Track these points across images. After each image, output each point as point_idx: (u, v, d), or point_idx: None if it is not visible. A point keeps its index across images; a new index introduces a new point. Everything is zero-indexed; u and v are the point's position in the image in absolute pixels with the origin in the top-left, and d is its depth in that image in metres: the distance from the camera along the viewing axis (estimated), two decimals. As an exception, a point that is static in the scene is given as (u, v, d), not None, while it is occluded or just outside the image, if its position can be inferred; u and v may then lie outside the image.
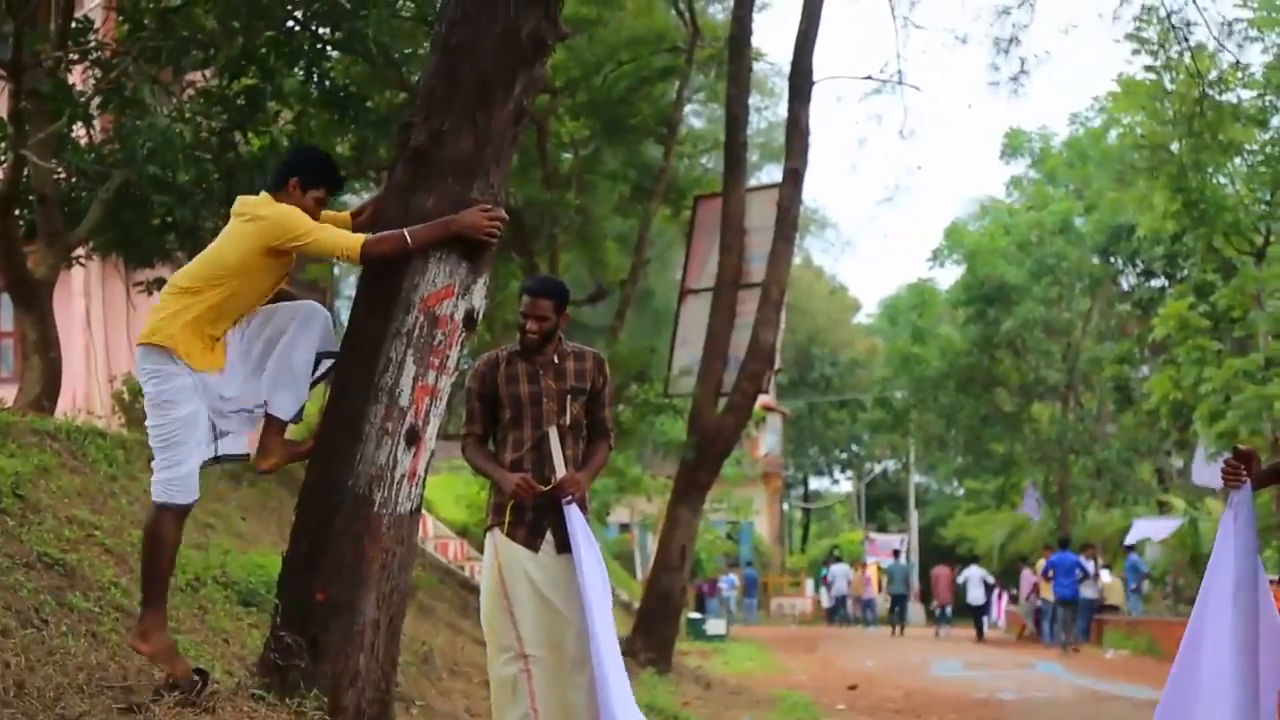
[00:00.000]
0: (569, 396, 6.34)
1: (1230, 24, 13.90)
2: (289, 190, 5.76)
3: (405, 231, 5.70)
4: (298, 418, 5.95)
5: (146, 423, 5.61)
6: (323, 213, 5.96)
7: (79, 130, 11.63)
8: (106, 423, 13.19)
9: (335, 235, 5.73)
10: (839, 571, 44.08)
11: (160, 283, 12.98)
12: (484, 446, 6.45)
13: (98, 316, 17.68)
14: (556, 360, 6.39)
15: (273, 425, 5.89)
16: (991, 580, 36.17)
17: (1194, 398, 24.20)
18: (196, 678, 5.49)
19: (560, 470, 6.22)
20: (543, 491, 6.15)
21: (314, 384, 5.99)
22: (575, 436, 6.39)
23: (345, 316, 6.21)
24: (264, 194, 5.82)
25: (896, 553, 42.96)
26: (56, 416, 10.95)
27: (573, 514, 6.17)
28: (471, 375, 6.48)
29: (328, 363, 5.96)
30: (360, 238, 5.68)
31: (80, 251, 12.51)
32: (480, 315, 6.10)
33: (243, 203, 5.81)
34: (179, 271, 5.82)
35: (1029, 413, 39.58)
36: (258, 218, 5.68)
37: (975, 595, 34.18)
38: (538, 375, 6.32)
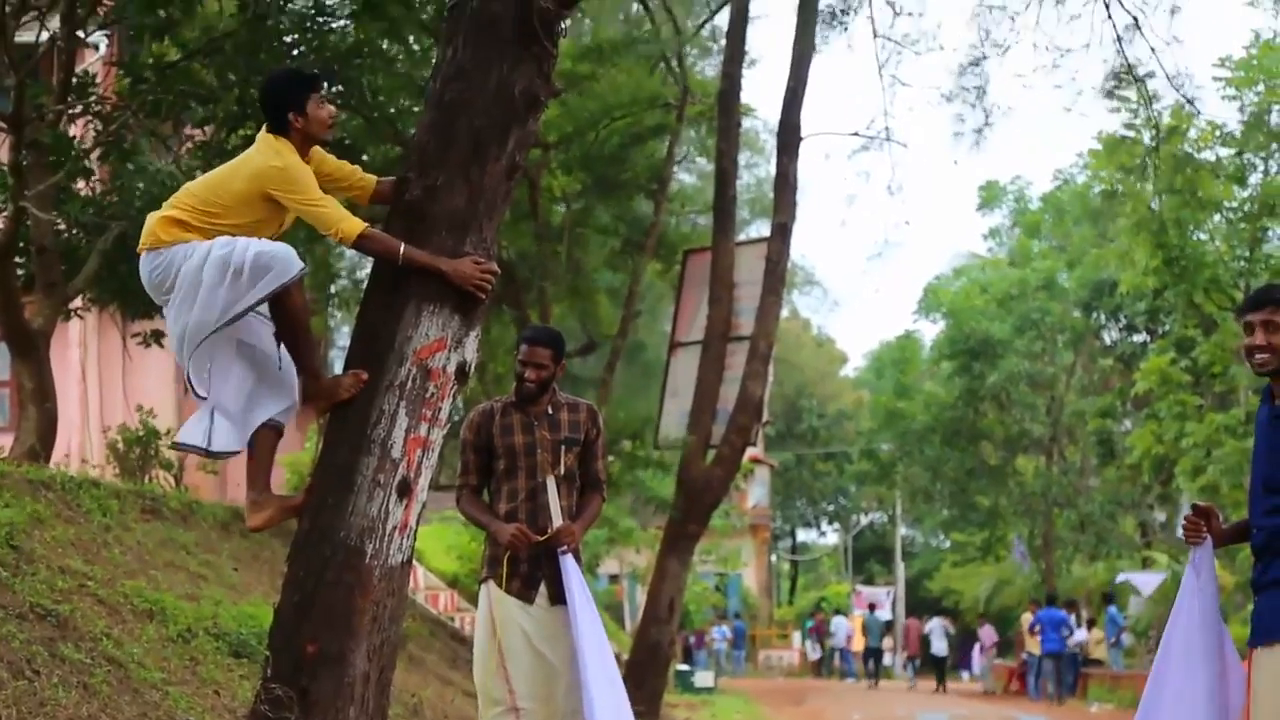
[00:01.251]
0: (563, 447, 6.46)
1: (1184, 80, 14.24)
2: (295, 125, 5.64)
3: (403, 245, 5.66)
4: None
5: (195, 303, 5.41)
6: (351, 169, 5.91)
7: (78, 182, 11.78)
8: (100, 473, 13.27)
9: (336, 212, 5.58)
10: (840, 624, 44.12)
11: (157, 335, 13.15)
12: (479, 497, 6.56)
13: (93, 367, 17.81)
14: (551, 411, 6.51)
15: (261, 459, 5.84)
16: (953, 631, 36.36)
17: (1176, 452, 24.36)
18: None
19: (557, 520, 6.33)
20: (538, 542, 6.27)
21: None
22: (569, 487, 6.48)
23: (338, 367, 6.27)
24: (271, 138, 5.64)
25: (873, 606, 42.96)
26: (51, 466, 11.03)
27: (568, 565, 6.26)
28: (466, 426, 6.59)
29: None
30: (360, 224, 5.58)
31: (78, 302, 12.63)
32: (472, 368, 6.15)
33: (266, 140, 5.66)
34: (182, 188, 5.73)
35: (1014, 466, 39.66)
36: (266, 160, 5.57)
37: (938, 646, 34.45)
38: (532, 426, 6.45)
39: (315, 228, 5.63)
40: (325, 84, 5.83)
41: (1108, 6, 12.92)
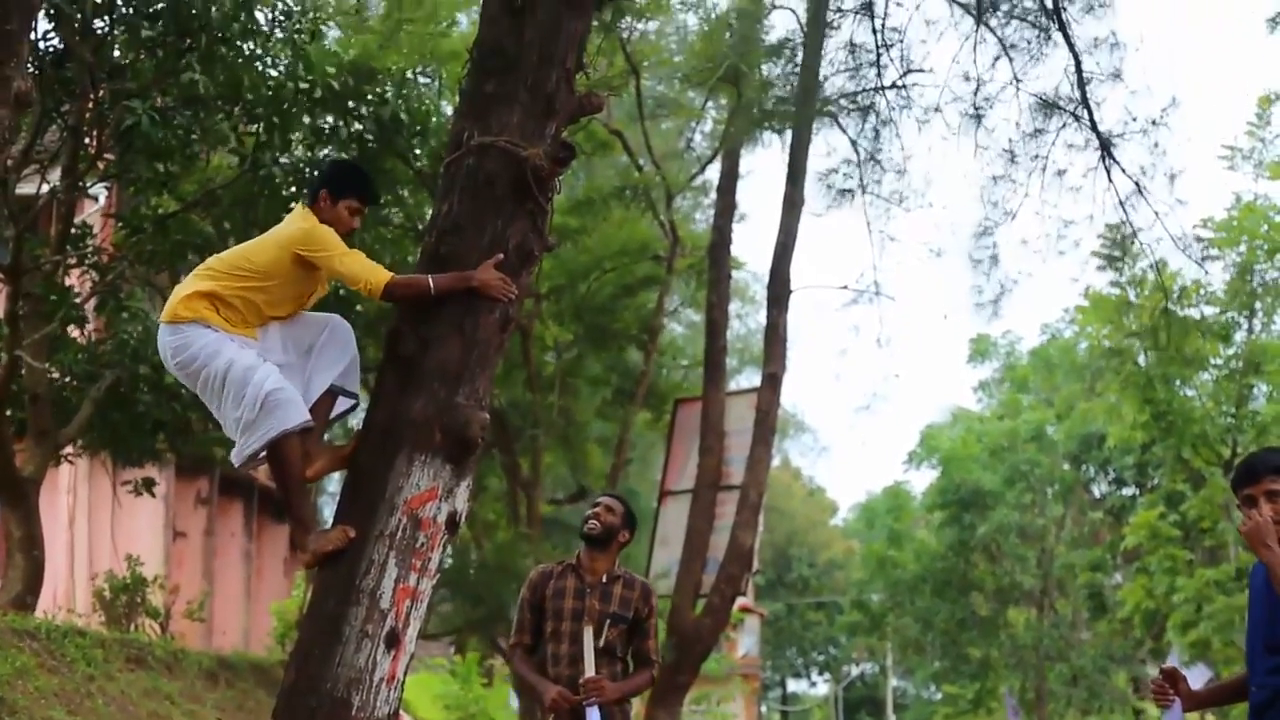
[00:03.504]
0: (608, 621, 6.56)
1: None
2: (320, 203, 5.76)
3: (430, 278, 5.69)
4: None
5: (210, 398, 5.50)
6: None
7: (73, 331, 11.88)
8: (86, 621, 13.20)
9: (363, 264, 5.65)
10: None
11: (148, 482, 13.16)
12: (531, 657, 6.66)
13: (82, 514, 17.76)
14: (605, 580, 6.63)
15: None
16: None
17: (1167, 607, 24.27)
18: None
19: (589, 671, 6.39)
20: (577, 703, 6.32)
21: (331, 422, 5.94)
22: (609, 661, 6.56)
23: (328, 513, 6.28)
24: (300, 209, 5.80)
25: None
26: (38, 614, 10.98)
27: (593, 716, 6.32)
28: (526, 584, 6.73)
29: (347, 402, 5.95)
30: (387, 274, 5.64)
31: (69, 449, 12.65)
32: (463, 518, 6.17)
33: (295, 210, 5.81)
34: (211, 257, 5.78)
35: (1005, 618, 39.38)
36: (293, 224, 5.68)
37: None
38: (585, 593, 6.56)
39: (346, 281, 5.69)
40: (369, 202, 5.90)
41: (1109, 174, 13.19)
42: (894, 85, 15.30)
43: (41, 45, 10.68)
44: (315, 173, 5.93)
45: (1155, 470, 30.91)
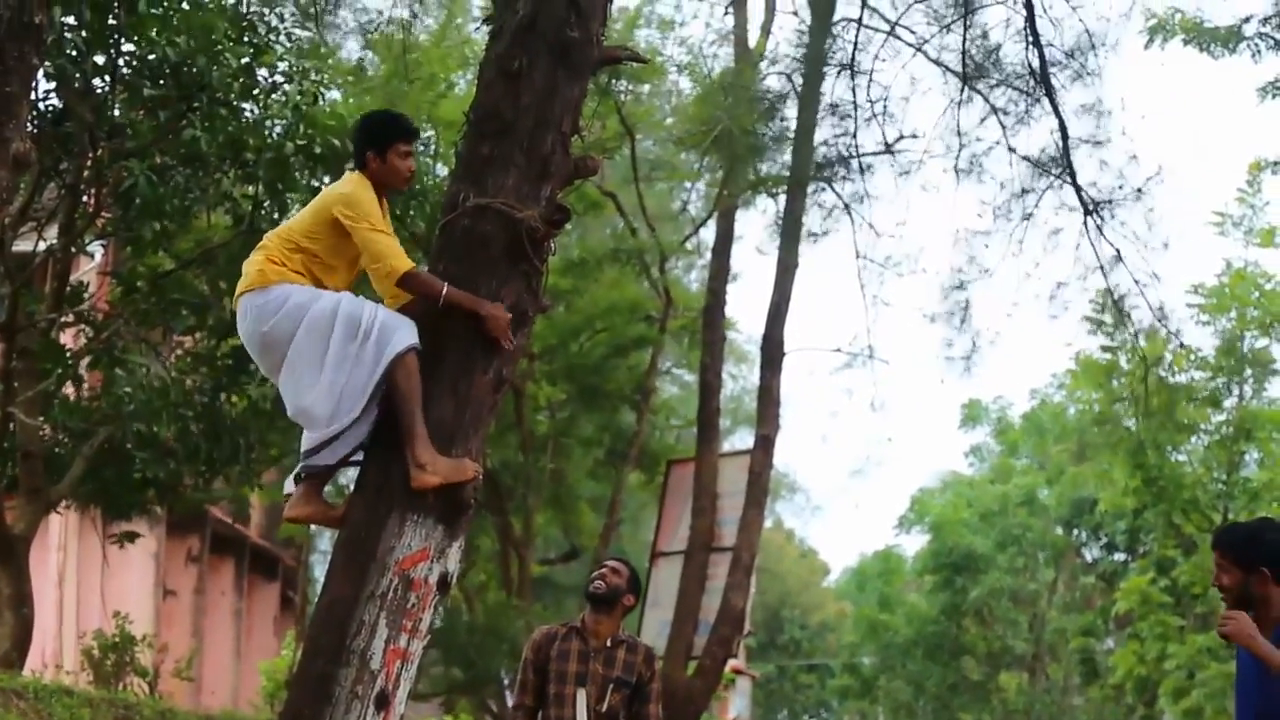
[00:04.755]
0: (611, 685, 6.57)
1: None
2: (371, 165, 5.67)
3: (446, 285, 5.61)
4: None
5: (325, 361, 5.34)
6: None
7: (67, 387, 11.90)
8: (74, 680, 13.13)
9: (390, 245, 5.53)
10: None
11: (130, 535, 13.14)
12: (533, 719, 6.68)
13: (71, 570, 17.69)
14: (610, 645, 6.64)
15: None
16: None
17: (1159, 673, 24.21)
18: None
19: None
20: None
21: (337, 465, 5.74)
22: None
23: (319, 571, 6.28)
24: (351, 174, 5.70)
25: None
26: (25, 673, 10.93)
27: None
28: (529, 644, 6.72)
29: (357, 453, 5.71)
30: (410, 263, 5.54)
31: (59, 506, 12.64)
32: (455, 579, 6.18)
33: (346, 175, 5.72)
34: (267, 234, 5.68)
35: (997, 682, 39.26)
36: (339, 187, 5.60)
37: None
38: (589, 657, 6.57)
39: (370, 256, 5.55)
40: (411, 139, 5.78)
41: (1094, 240, 13.37)
42: (886, 149, 15.46)
43: (41, 104, 10.76)
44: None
45: (1147, 536, 30.90)
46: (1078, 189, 13.29)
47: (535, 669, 6.60)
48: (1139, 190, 13.68)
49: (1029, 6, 12.04)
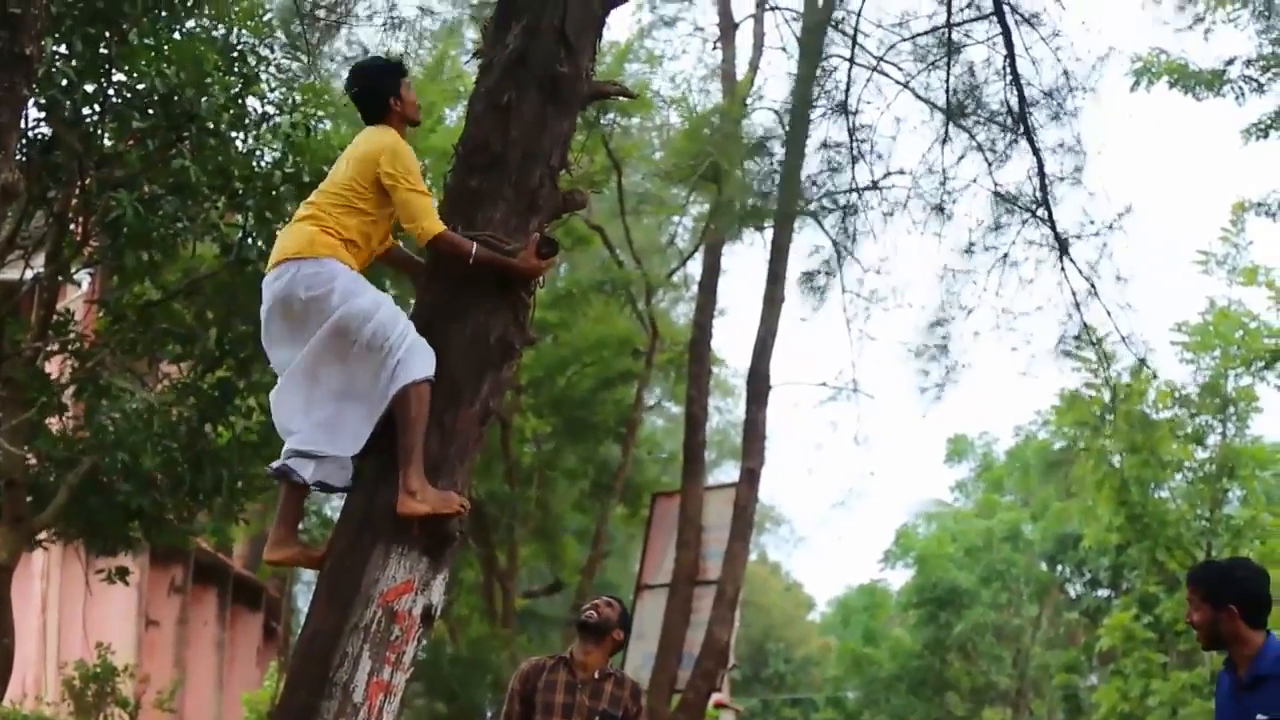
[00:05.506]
0: (598, 718, 6.61)
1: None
2: (393, 111, 5.68)
3: (475, 246, 5.61)
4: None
5: (334, 339, 5.32)
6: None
7: (52, 416, 11.87)
8: (55, 710, 13.07)
9: (427, 206, 5.50)
10: None
11: (122, 571, 13.09)
12: None
13: (54, 600, 17.60)
14: (597, 677, 6.66)
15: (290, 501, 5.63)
16: None
17: (1142, 710, 24.15)
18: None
19: None
20: None
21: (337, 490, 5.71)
22: None
23: (303, 601, 6.27)
24: (375, 128, 5.67)
25: None
26: (5, 704, 10.87)
27: None
28: (516, 675, 6.75)
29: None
30: (442, 225, 5.52)
31: (43, 535, 12.59)
32: (438, 611, 6.17)
33: (371, 129, 5.68)
34: (313, 196, 5.66)
35: (980, 718, 39.22)
36: (377, 141, 5.54)
37: None
38: (575, 689, 6.58)
39: (407, 216, 5.50)
40: (403, 70, 5.82)
41: (1068, 277, 13.48)
42: (872, 185, 15.54)
43: (30, 133, 10.77)
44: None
45: (1130, 572, 30.92)
46: (1053, 225, 13.41)
47: (522, 699, 6.60)
48: (1111, 227, 13.83)
49: (1009, 45, 12.14)
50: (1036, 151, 12.96)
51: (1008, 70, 12.31)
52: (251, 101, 11.59)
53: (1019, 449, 39.82)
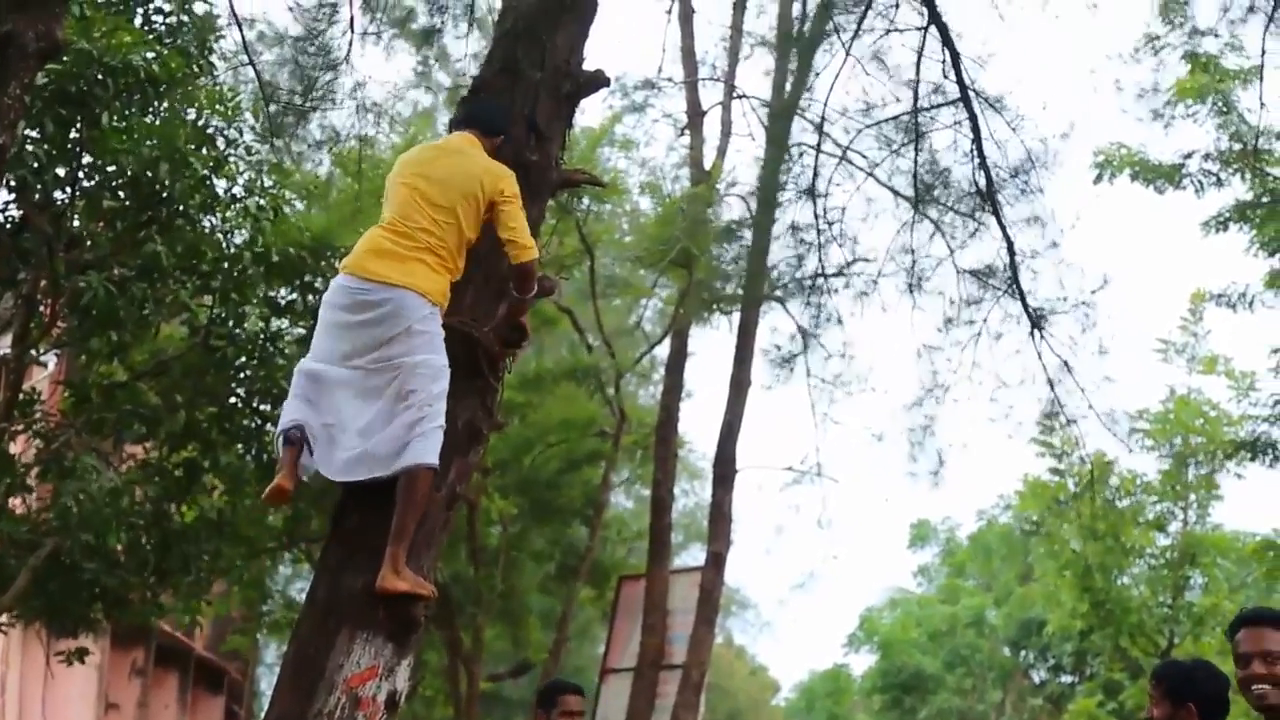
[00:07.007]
0: None
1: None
2: (494, 144, 5.82)
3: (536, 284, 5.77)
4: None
5: (380, 377, 5.39)
6: None
7: (15, 498, 11.80)
8: (12, 793, 12.89)
9: (527, 227, 5.62)
10: None
11: (81, 652, 12.96)
12: None
13: (14, 681, 17.40)
14: None
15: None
16: None
17: (1107, 797, 24.18)
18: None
19: None
20: None
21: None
22: None
23: (265, 684, 6.23)
24: (473, 137, 5.78)
25: None
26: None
27: None
28: None
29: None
30: (536, 251, 5.65)
31: (3, 618, 12.46)
32: (403, 697, 6.15)
33: (458, 139, 5.76)
34: (418, 219, 5.57)
35: (948, 805, 39.05)
36: (487, 162, 5.61)
37: None
38: None
39: (515, 230, 5.56)
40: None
41: (1039, 351, 13.58)
42: (839, 272, 15.66)
43: (0, 215, 10.80)
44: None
45: (1094, 658, 30.98)
46: (1024, 301, 13.55)
47: None
48: (1084, 303, 13.99)
49: (975, 130, 12.31)
50: (1005, 231, 13.11)
51: (975, 153, 12.47)
52: (220, 183, 11.65)
53: (981, 534, 39.97)
